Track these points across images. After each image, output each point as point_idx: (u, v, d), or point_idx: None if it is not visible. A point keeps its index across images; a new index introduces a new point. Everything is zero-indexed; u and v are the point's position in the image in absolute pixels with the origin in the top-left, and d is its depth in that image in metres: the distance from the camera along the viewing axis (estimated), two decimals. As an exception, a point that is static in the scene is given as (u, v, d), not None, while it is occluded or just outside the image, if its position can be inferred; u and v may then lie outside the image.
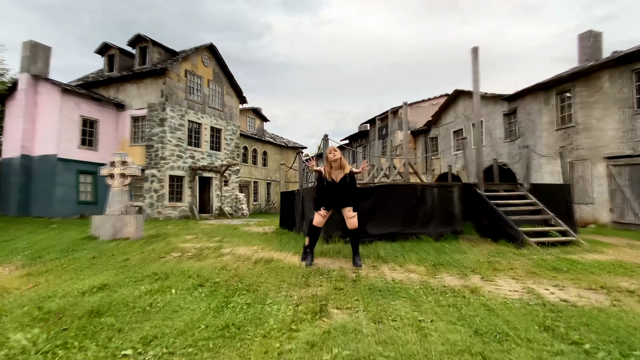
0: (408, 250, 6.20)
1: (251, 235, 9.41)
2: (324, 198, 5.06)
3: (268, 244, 7.59)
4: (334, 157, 4.94)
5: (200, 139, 19.44)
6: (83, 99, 17.06)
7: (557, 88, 13.46)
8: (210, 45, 19.94)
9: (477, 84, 7.96)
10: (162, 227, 11.94)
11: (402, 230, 7.25)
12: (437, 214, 7.55)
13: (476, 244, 7.15)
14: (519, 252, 6.25)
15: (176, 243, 7.76)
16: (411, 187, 7.49)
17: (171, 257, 5.74)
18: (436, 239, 7.34)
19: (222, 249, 6.90)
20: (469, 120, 18.09)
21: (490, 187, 8.09)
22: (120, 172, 8.51)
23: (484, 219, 7.51)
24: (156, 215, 16.75)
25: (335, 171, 4.99)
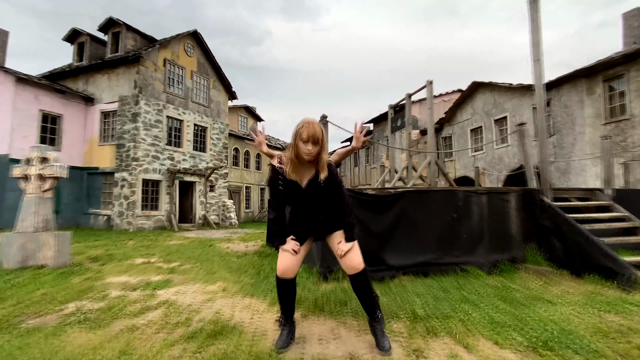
0: (460, 299, 3.78)
1: (224, 259, 6.98)
2: (291, 219, 2.64)
3: (239, 276, 5.17)
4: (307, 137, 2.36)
5: (182, 138, 17.03)
6: (43, 91, 14.66)
7: (604, 74, 11.11)
8: (195, 32, 17.60)
9: (536, 32, 5.59)
10: (119, 244, 9.50)
11: (438, 260, 4.84)
12: (487, 233, 5.14)
13: (551, 280, 4.74)
14: (637, 300, 3.85)
15: (107, 275, 5.35)
16: (450, 194, 5.08)
17: (54, 317, 3.32)
18: (489, 271, 4.93)
19: (164, 287, 4.50)
20: (490, 116, 15.71)
21: (558, 194, 5.68)
22: (38, 173, 6.08)
23: (557, 242, 5.11)
24: (126, 226, 14.28)
25: (301, 167, 2.50)
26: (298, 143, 2.38)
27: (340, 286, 4.27)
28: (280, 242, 2.53)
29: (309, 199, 2.51)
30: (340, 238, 2.55)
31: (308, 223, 2.59)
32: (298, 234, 2.58)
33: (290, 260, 2.50)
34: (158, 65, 15.80)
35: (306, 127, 2.35)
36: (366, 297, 2.58)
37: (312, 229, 2.61)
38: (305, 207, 2.55)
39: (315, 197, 2.50)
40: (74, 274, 5.36)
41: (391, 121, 8.55)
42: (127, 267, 6.07)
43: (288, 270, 2.50)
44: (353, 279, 2.54)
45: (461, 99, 17.31)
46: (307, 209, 2.55)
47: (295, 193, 2.50)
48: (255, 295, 4.05)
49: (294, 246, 2.50)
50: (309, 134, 2.33)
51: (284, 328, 2.66)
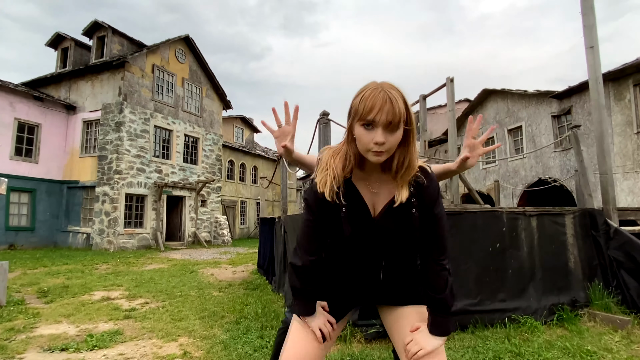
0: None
1: (201, 293, 5.72)
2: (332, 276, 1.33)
3: (212, 326, 3.91)
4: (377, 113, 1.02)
5: (171, 149, 15.84)
6: (19, 98, 13.54)
7: (635, 77, 10.02)
8: (187, 37, 16.59)
9: (592, 29, 4.46)
10: (87, 270, 8.23)
11: (479, 306, 3.61)
12: (539, 269, 3.91)
13: (633, 334, 3.49)
14: None
15: (43, 320, 4.14)
16: (492, 216, 3.87)
17: None
18: (545, 320, 3.69)
19: (107, 346, 3.27)
20: (503, 126, 14.59)
21: (623, 215, 4.47)
22: (-32, 188, 4.87)
23: (630, 279, 3.88)
24: (106, 245, 12.99)
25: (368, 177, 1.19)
26: (355, 127, 1.10)
27: (349, 350, 3.02)
28: (305, 311, 1.27)
29: (378, 241, 1.27)
30: (415, 319, 1.29)
31: (360, 285, 1.34)
32: (337, 304, 1.34)
33: (312, 348, 1.22)
34: (145, 72, 14.71)
35: (373, 95, 1.05)
36: None
37: (363, 295, 1.37)
38: (365, 255, 1.30)
39: (389, 237, 1.25)
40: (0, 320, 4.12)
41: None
42: (76, 306, 4.82)
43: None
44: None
45: (470, 108, 16.22)
46: (368, 259, 1.31)
47: (356, 229, 1.22)
48: (227, 364, 2.80)
49: (325, 325, 1.25)
50: (379, 106, 1.04)
51: None
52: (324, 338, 1.23)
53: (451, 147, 5.89)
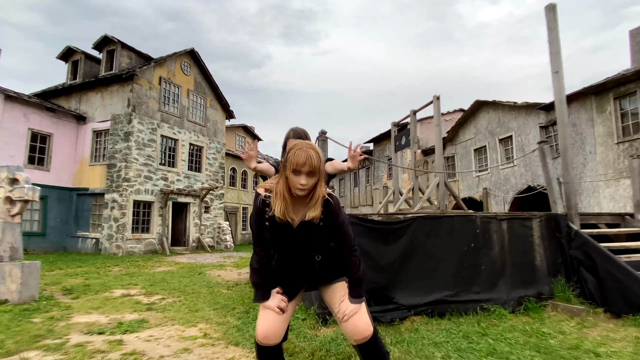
0: (485, 350, 3.13)
1: (211, 291, 6.30)
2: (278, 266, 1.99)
3: (225, 315, 4.50)
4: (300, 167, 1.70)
5: (177, 158, 16.49)
6: (33, 109, 14.20)
7: (616, 91, 10.68)
8: (192, 50, 17.31)
9: (557, 56, 5.11)
10: (102, 272, 8.81)
11: (456, 297, 4.21)
12: (510, 266, 4.52)
13: (585, 321, 4.09)
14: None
15: (75, 312, 4.69)
16: (466, 220, 4.49)
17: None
18: (513, 309, 4.29)
19: (136, 331, 3.84)
20: (494, 135, 15.24)
21: (586, 219, 5.09)
22: (6, 196, 5.48)
23: (588, 275, 4.48)
24: (115, 250, 13.57)
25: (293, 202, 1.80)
26: (289, 174, 1.73)
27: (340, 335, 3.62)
28: (263, 297, 1.88)
29: (303, 243, 1.89)
30: (342, 292, 1.92)
31: (300, 272, 1.97)
32: (286, 286, 1.96)
33: (275, 321, 1.85)
34: (153, 84, 15.40)
35: (299, 154, 1.70)
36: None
37: (305, 279, 2.00)
38: (297, 252, 1.93)
39: (311, 240, 1.88)
40: (38, 312, 4.70)
41: (394, 140, 8.02)
42: (102, 301, 5.40)
43: (271, 334, 1.84)
44: (360, 349, 1.90)
45: (464, 118, 16.89)
46: (300, 254, 1.93)
47: (284, 234, 1.85)
48: (240, 343, 3.39)
49: (280, 303, 1.86)
50: (302, 162, 1.69)
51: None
52: (282, 311, 1.86)
53: (438, 158, 6.51)
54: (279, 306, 1.84)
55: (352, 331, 1.83)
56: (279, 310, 1.84)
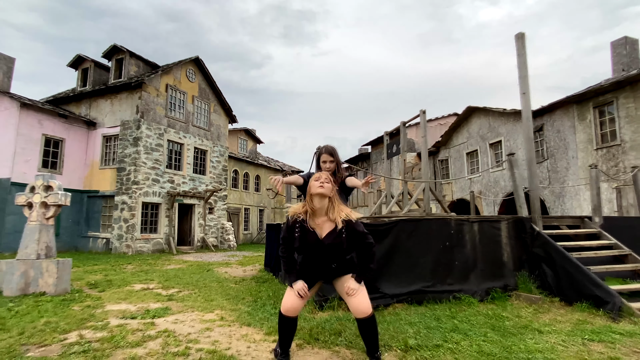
0: (451, 329, 3.88)
1: (222, 285, 7.06)
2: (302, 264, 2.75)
3: (237, 304, 5.26)
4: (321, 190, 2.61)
5: (182, 161, 17.26)
6: (46, 116, 14.96)
7: (595, 100, 11.43)
8: (196, 58, 18.07)
9: (525, 80, 5.85)
10: (117, 269, 9.57)
11: (432, 287, 4.96)
12: (480, 261, 5.28)
13: (542, 308, 4.84)
14: (624, 328, 3.96)
15: (106, 302, 5.43)
16: (442, 222, 5.24)
17: (56, 347, 3.41)
18: (481, 298, 5.05)
19: (163, 316, 4.59)
20: (485, 140, 16.00)
21: (549, 222, 5.84)
22: (42, 201, 6.24)
23: (547, 269, 5.23)
24: (124, 249, 14.33)
25: (319, 218, 2.67)
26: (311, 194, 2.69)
27: (336, 315, 4.38)
28: (290, 282, 2.70)
29: (326, 251, 2.66)
30: (350, 280, 2.69)
31: (320, 271, 2.75)
32: (308, 279, 2.74)
33: (297, 301, 2.66)
34: (160, 91, 16.17)
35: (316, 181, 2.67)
36: (372, 340, 2.71)
37: (323, 276, 2.78)
38: (320, 258, 2.69)
39: (334, 247, 2.64)
40: (74, 302, 5.45)
41: (387, 147, 8.78)
42: (126, 293, 6.15)
43: (292, 309, 2.66)
44: (361, 323, 2.67)
45: (457, 123, 17.65)
46: (322, 260, 2.70)
47: (312, 242, 2.64)
48: (252, 324, 4.14)
49: (300, 290, 2.63)
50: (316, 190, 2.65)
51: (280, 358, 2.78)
52: (302, 295, 2.66)
53: (424, 167, 7.27)
54: (300, 292, 2.61)
55: (357, 308, 2.61)
56: (299, 296, 2.61)
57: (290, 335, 2.79)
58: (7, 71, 15.31)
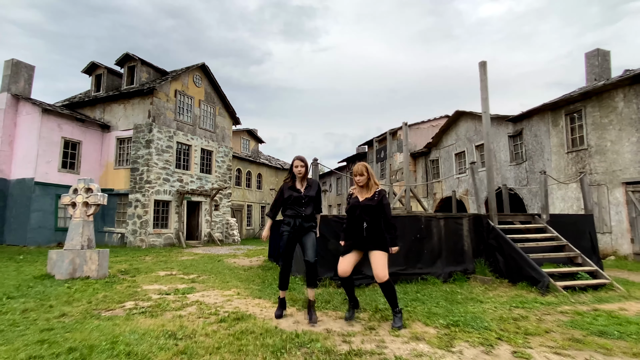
0: (413, 299, 5.14)
1: (233, 271, 8.32)
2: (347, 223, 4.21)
3: (248, 284, 6.51)
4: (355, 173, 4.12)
5: (190, 162, 18.50)
6: (65, 120, 16.19)
7: (566, 108, 12.64)
8: (202, 65, 19.26)
9: (486, 102, 7.07)
10: (138, 259, 10.83)
11: (405, 270, 6.21)
12: (445, 250, 6.52)
13: (491, 287, 6.10)
14: (546, 300, 5.21)
15: (141, 284, 6.68)
16: (414, 218, 6.49)
17: (120, 310, 4.66)
18: (444, 280, 6.31)
19: (191, 293, 5.83)
20: (472, 142, 17.23)
21: (504, 218, 7.09)
22: (84, 201, 7.49)
23: (499, 256, 6.47)
24: (139, 243, 15.61)
25: (361, 192, 4.13)
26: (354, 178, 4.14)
27: (327, 290, 5.64)
28: (343, 252, 4.10)
29: (362, 212, 3.98)
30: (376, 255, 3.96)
31: (356, 233, 4.02)
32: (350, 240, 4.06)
33: (347, 264, 4.02)
34: (170, 96, 17.38)
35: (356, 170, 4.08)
36: (390, 299, 4.01)
37: (358, 240, 4.03)
38: (357, 218, 4.01)
39: (368, 209, 3.97)
40: (116, 283, 6.70)
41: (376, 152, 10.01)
42: (155, 278, 7.41)
43: (343, 271, 4.03)
44: (381, 286, 4.00)
45: (446, 126, 18.86)
46: (358, 220, 4.00)
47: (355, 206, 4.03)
48: (262, 297, 5.40)
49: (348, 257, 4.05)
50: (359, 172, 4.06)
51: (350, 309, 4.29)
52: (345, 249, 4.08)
53: (405, 171, 8.50)
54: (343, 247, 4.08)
55: (376, 275, 3.90)
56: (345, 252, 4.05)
57: (351, 289, 4.27)
58: (28, 79, 16.52)
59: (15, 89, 15.94)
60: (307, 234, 4.17)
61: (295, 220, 4.17)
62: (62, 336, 3.50)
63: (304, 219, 4.17)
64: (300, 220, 4.16)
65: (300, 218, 4.16)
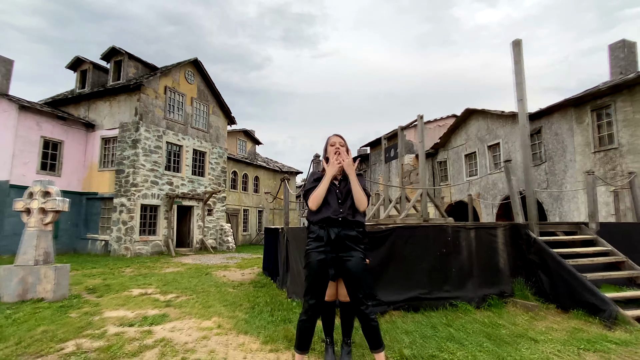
0: (446, 337, 3.90)
1: (220, 289, 7.08)
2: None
3: (234, 310, 5.27)
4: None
5: (181, 163, 17.26)
6: (45, 118, 14.95)
7: (593, 104, 11.45)
8: (195, 60, 18.07)
9: (521, 86, 5.87)
10: (116, 273, 9.57)
11: (429, 295, 4.98)
12: (477, 268, 5.29)
13: (537, 315, 4.86)
14: (618, 337, 3.98)
15: (104, 308, 5.45)
16: (439, 229, 5.26)
17: (55, 358, 3.42)
18: (477, 305, 5.07)
19: (161, 323, 4.60)
20: (484, 142, 16.02)
21: (545, 228, 5.87)
22: (40, 207, 6.25)
23: (543, 276, 5.25)
24: (123, 251, 14.34)
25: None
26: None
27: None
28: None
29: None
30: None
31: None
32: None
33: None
34: (159, 93, 16.17)
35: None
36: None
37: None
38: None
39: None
40: (72, 308, 5.46)
41: (385, 151, 8.79)
42: (124, 299, 6.17)
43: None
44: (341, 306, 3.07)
45: (455, 125, 17.67)
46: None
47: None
48: (248, 332, 4.16)
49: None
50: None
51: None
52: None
53: (422, 172, 7.28)
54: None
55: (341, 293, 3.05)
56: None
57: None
58: (6, 73, 15.29)
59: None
60: (349, 253, 2.72)
61: (329, 230, 2.73)
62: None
63: (344, 226, 2.74)
64: (337, 230, 2.72)
65: (338, 225, 2.73)
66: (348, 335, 3.25)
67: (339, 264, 2.69)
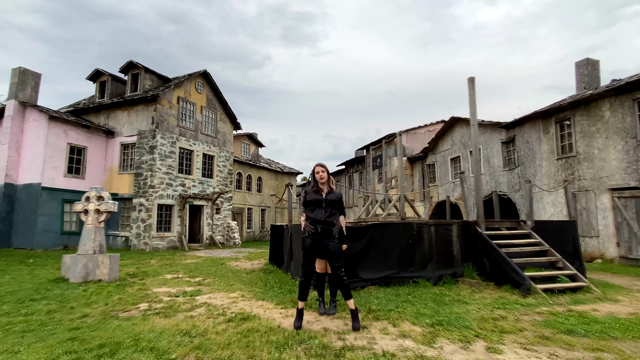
0: (403, 300, 5.58)
1: (236, 274, 8.76)
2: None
3: (251, 287, 6.95)
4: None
5: (192, 166, 18.95)
6: (71, 126, 16.63)
7: (556, 116, 13.11)
8: (204, 72, 19.72)
9: (474, 115, 7.53)
10: (144, 263, 11.26)
11: (398, 274, 6.65)
12: (435, 255, 6.97)
13: (478, 289, 6.54)
14: (526, 301, 5.65)
15: (150, 287, 7.12)
16: (406, 225, 6.94)
17: (136, 312, 5.10)
18: (435, 282, 6.75)
19: (199, 295, 6.27)
20: (467, 147, 17.69)
21: (491, 224, 7.54)
22: (95, 208, 7.92)
23: (486, 261, 6.92)
24: (142, 246, 16.04)
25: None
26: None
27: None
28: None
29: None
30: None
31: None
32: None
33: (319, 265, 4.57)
34: (172, 103, 17.84)
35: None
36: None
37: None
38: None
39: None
40: (127, 286, 7.14)
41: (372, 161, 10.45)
42: (163, 281, 7.84)
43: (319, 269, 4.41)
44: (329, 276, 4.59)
45: (442, 131, 19.32)
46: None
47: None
48: (265, 299, 5.84)
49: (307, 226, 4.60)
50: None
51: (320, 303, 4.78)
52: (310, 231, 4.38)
53: (400, 180, 8.94)
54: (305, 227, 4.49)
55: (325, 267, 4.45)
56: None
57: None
58: (35, 86, 16.96)
59: (22, 96, 16.38)
60: (330, 240, 4.36)
61: (316, 226, 4.36)
62: (89, 334, 3.94)
63: (325, 224, 4.37)
64: (321, 225, 4.36)
65: (322, 223, 4.37)
66: (334, 295, 4.90)
67: (322, 247, 4.38)
